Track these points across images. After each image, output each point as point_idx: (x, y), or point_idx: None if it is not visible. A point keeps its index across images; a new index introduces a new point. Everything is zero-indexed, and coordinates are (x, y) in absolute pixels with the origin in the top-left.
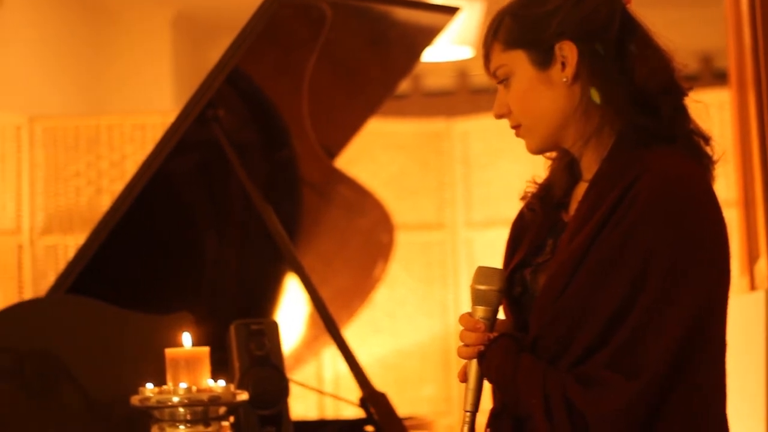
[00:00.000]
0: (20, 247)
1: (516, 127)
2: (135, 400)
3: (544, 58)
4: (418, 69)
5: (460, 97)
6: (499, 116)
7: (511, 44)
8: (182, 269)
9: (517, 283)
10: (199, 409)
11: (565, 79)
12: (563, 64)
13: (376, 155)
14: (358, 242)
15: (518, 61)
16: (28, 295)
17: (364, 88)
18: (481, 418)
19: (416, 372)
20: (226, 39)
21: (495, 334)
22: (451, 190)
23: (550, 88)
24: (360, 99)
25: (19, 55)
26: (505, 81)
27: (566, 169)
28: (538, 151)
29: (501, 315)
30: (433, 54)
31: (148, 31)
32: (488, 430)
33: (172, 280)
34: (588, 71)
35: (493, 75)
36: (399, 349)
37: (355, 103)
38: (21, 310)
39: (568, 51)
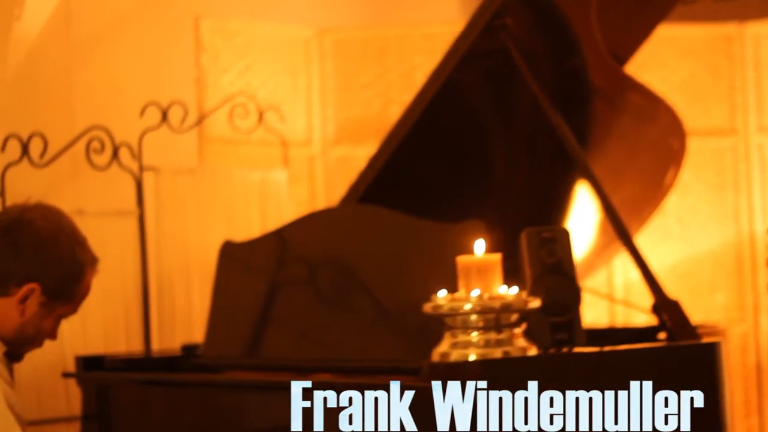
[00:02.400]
0: (312, 157)
1: None
2: (427, 307)
3: None
4: None
5: (751, 0)
6: None
7: None
8: (472, 178)
9: None
10: (491, 316)
11: None
12: None
13: (665, 61)
14: (649, 149)
15: None
16: (321, 204)
17: None
18: None
19: (709, 279)
20: None
21: None
22: (742, 95)
23: None
24: (649, 4)
25: None
26: None
27: None
28: None
29: None
30: None
31: None
32: None
33: (462, 188)
34: None
35: None
36: (691, 256)
37: (645, 9)
38: (314, 219)
39: None
